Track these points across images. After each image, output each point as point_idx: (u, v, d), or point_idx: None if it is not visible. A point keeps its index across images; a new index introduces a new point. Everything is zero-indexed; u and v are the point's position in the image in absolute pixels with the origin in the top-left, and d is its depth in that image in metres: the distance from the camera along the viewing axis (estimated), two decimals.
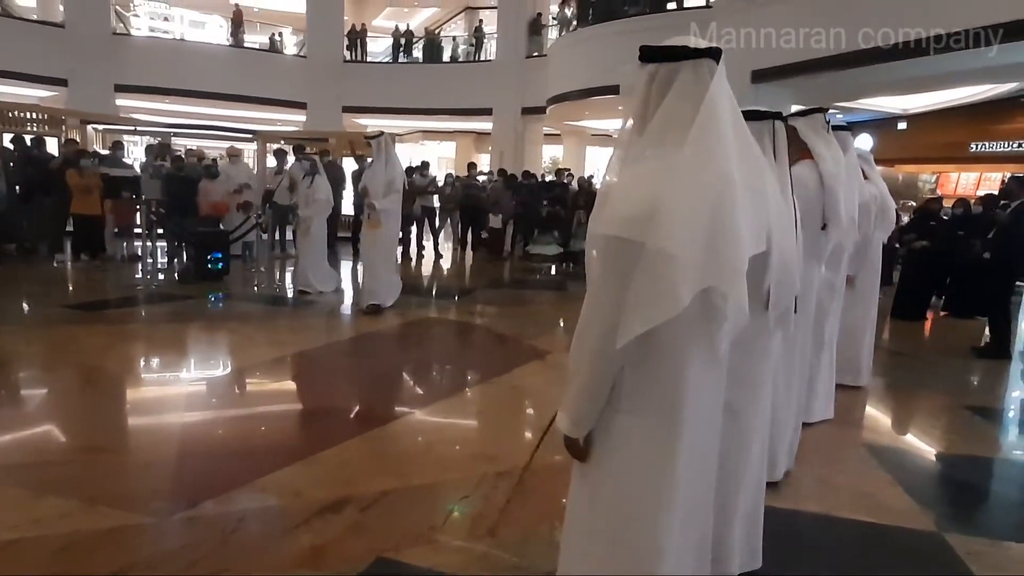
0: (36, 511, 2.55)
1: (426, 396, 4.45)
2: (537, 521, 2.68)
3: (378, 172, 6.40)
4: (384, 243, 6.59)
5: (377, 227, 6.43)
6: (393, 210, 6.49)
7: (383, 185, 6.34)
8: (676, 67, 1.39)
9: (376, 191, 6.34)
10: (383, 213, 6.37)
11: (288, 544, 2.43)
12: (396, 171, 6.51)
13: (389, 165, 6.41)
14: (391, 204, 6.42)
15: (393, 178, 6.39)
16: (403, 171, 6.73)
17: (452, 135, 21.22)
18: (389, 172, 6.38)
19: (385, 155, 6.41)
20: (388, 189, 6.34)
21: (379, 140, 6.47)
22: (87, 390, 4.18)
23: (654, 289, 1.28)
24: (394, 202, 6.45)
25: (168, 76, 16.38)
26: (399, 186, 6.45)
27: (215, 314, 6.54)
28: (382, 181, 6.34)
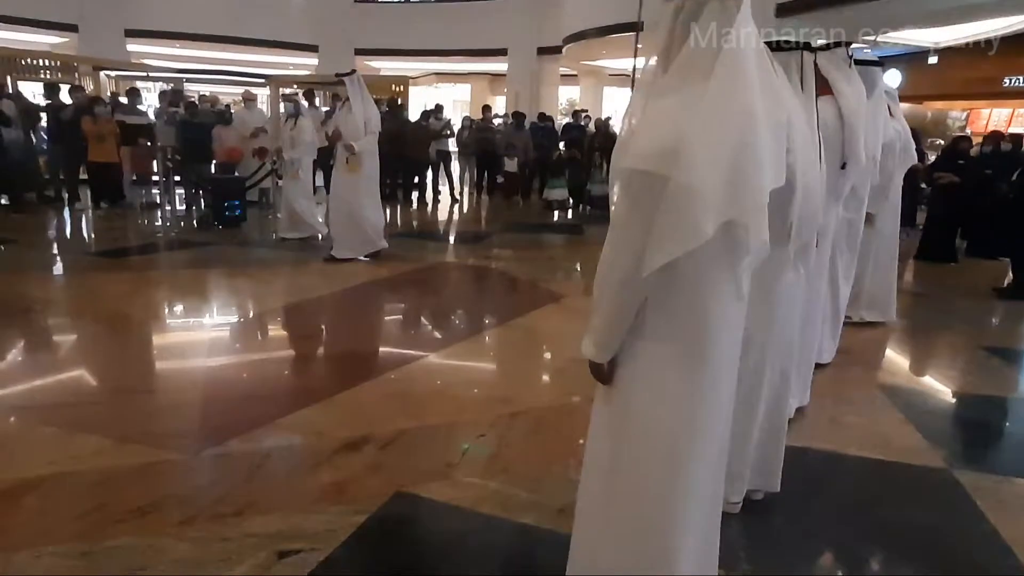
0: (71, 448, 2.67)
1: (442, 339, 4.52)
2: (551, 459, 2.75)
3: (354, 112, 6.12)
4: (367, 186, 6.36)
5: (357, 171, 6.18)
6: (372, 151, 6.26)
7: (358, 127, 6.09)
8: (702, 1, 1.38)
9: (353, 133, 6.09)
10: (362, 155, 6.16)
11: (311, 480, 2.53)
12: (372, 110, 6.25)
13: (365, 105, 6.15)
14: (369, 145, 6.20)
15: (369, 117, 6.15)
16: (378, 111, 6.46)
17: (467, 77, 20.83)
18: (365, 112, 6.13)
19: (359, 94, 6.13)
20: (365, 130, 6.11)
21: (352, 78, 6.15)
22: (114, 335, 4.30)
23: (678, 221, 1.31)
24: (372, 143, 6.22)
25: (178, 20, 16.16)
26: (376, 126, 6.22)
27: (234, 260, 6.62)
28: (358, 122, 6.09)
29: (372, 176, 6.39)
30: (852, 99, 2.97)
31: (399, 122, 10.85)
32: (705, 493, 1.62)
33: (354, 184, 6.23)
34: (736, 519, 2.28)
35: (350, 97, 6.15)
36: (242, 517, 2.24)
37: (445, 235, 8.79)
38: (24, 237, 7.01)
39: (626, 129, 1.51)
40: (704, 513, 1.64)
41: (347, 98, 6.21)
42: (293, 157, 7.15)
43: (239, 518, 2.24)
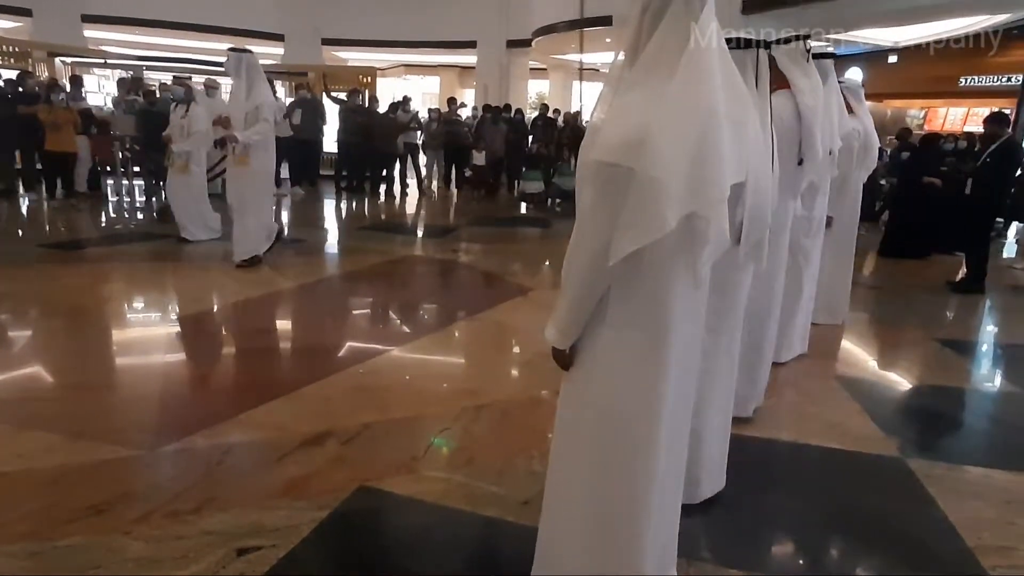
0: (20, 446, 2.58)
1: (408, 332, 4.49)
2: (516, 452, 2.75)
3: (237, 98, 5.45)
4: (256, 183, 5.63)
5: (245, 164, 5.47)
6: (263, 143, 5.49)
7: (242, 114, 5.37)
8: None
9: (238, 120, 5.37)
10: (250, 148, 5.42)
11: (273, 475, 2.49)
12: (262, 96, 5.46)
13: (253, 89, 5.42)
14: (258, 135, 5.40)
15: (259, 104, 5.38)
16: (271, 97, 5.73)
17: (436, 69, 20.66)
18: (253, 98, 5.39)
19: (246, 77, 5.39)
20: (253, 118, 5.36)
21: (239, 56, 5.39)
22: (69, 330, 4.17)
23: (643, 212, 1.35)
24: (262, 133, 5.42)
25: (139, 6, 15.67)
26: (268, 113, 5.42)
27: (195, 253, 6.47)
28: (241, 109, 5.38)
29: (263, 174, 5.70)
30: (809, 94, 3.02)
31: (366, 114, 10.74)
32: (667, 480, 1.64)
33: (240, 177, 5.57)
34: (697, 507, 2.31)
35: (232, 79, 5.48)
36: (200, 514, 2.20)
37: (412, 228, 8.72)
38: None
39: (593, 122, 1.53)
40: (666, 500, 1.67)
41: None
42: (183, 149, 6.44)
43: (196, 515, 2.19)
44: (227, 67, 5.41)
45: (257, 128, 5.36)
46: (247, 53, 5.43)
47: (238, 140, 5.35)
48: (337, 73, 12.83)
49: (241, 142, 5.35)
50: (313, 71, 13.11)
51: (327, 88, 10.97)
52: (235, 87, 5.45)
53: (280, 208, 9.55)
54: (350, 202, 10.35)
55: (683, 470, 1.79)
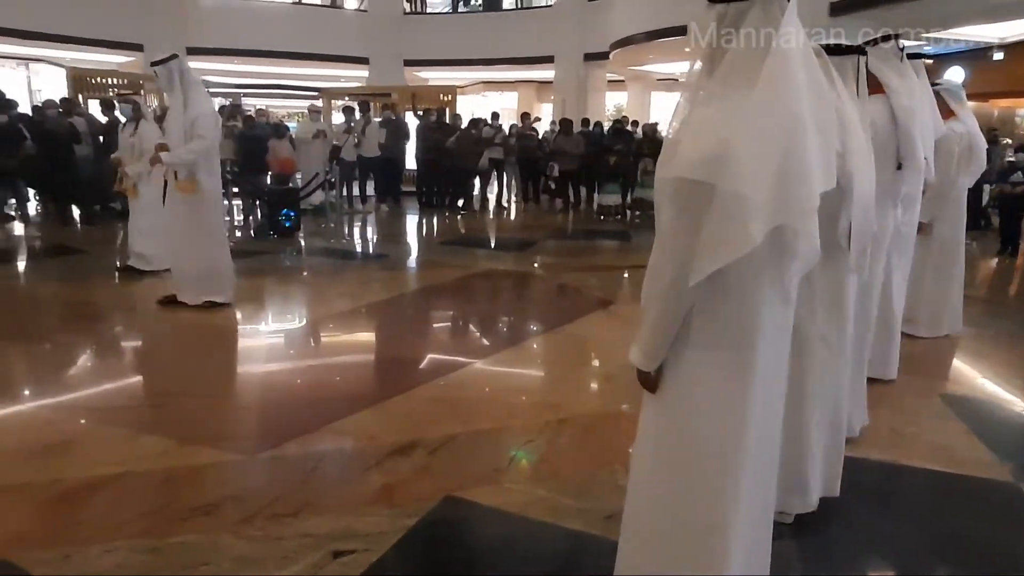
0: (138, 448, 2.79)
1: (490, 346, 4.56)
2: (599, 466, 2.75)
3: (174, 114, 4.66)
4: (209, 209, 4.81)
5: (190, 191, 4.63)
6: (207, 163, 4.70)
7: (180, 131, 4.58)
8: (746, 6, 1.39)
9: (174, 140, 4.59)
10: (196, 169, 4.63)
11: (362, 483, 2.59)
12: (200, 108, 4.64)
13: (190, 101, 4.60)
14: (193, 155, 4.54)
15: (195, 118, 4.56)
16: (211, 109, 4.90)
17: (514, 85, 20.93)
18: (190, 111, 4.57)
19: (182, 88, 4.60)
20: (190, 133, 4.56)
21: (168, 66, 4.57)
22: (178, 341, 4.48)
23: (727, 228, 1.32)
24: (200, 151, 4.57)
25: (236, 37, 16.71)
26: (204, 129, 4.58)
27: (289, 269, 6.81)
28: (179, 126, 4.59)
29: (214, 195, 4.91)
30: (905, 96, 2.88)
31: (446, 131, 10.99)
32: (754, 502, 1.60)
33: (192, 206, 4.72)
34: (790, 528, 2.23)
35: (166, 92, 4.76)
36: (298, 517, 2.31)
37: (492, 242, 8.85)
38: (94, 248, 7.37)
39: (670, 137, 1.52)
40: (753, 524, 1.62)
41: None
42: (135, 172, 5.59)
43: (295, 518, 2.30)
44: (160, 83, 4.70)
45: (192, 146, 4.55)
46: (174, 59, 4.63)
47: (163, 161, 4.56)
48: (419, 92, 13.21)
49: (167, 164, 4.56)
50: (396, 92, 13.57)
51: (415, 107, 11.32)
52: (171, 100, 4.71)
53: (365, 224, 9.93)
54: (431, 217, 10.60)
55: (773, 492, 1.74)
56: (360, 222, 10.09)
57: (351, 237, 9.07)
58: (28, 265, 6.79)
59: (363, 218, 10.37)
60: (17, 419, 3.19)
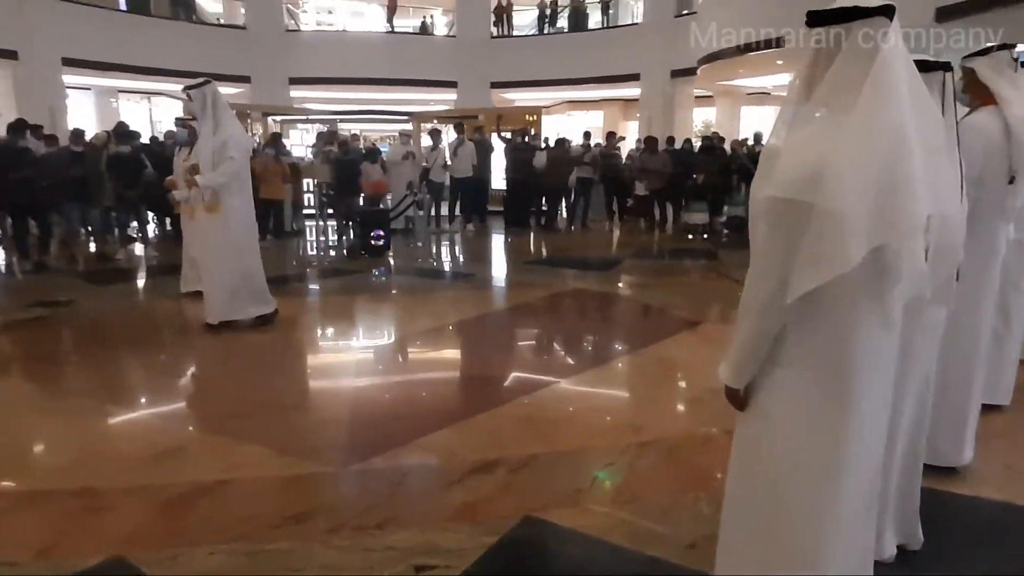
0: (238, 457, 2.97)
1: (573, 365, 4.56)
2: (682, 491, 2.69)
3: (204, 138, 4.81)
4: (230, 231, 4.85)
5: (215, 211, 4.80)
6: (237, 185, 4.84)
7: (210, 155, 4.75)
8: (846, 28, 1.37)
9: (203, 164, 4.77)
10: (222, 192, 4.79)
11: (445, 499, 2.64)
12: (228, 131, 4.82)
13: (219, 125, 4.80)
14: (223, 177, 4.72)
15: (224, 140, 4.75)
16: (240, 132, 5.09)
17: (599, 104, 20.94)
18: (219, 134, 4.77)
19: (212, 114, 4.79)
20: (219, 157, 4.73)
21: (201, 91, 4.77)
22: (276, 354, 4.74)
23: (824, 248, 1.31)
24: (230, 173, 4.75)
25: (332, 66, 17.62)
26: (234, 151, 4.77)
27: (379, 287, 7.07)
28: (209, 150, 4.76)
29: (238, 218, 4.92)
30: (1018, 106, 2.71)
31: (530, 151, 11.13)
32: (853, 532, 1.53)
33: (212, 227, 4.85)
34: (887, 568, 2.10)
35: (199, 117, 4.84)
36: (383, 530, 2.39)
37: (576, 262, 8.83)
38: None
39: (767, 155, 1.50)
40: (853, 562, 1.55)
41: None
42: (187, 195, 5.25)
43: (380, 531, 2.38)
44: (192, 108, 4.83)
45: (222, 168, 4.72)
46: (208, 84, 4.84)
47: (199, 184, 4.74)
48: (505, 114, 13.46)
49: (202, 187, 4.74)
50: (483, 113, 13.87)
51: (498, 128, 11.55)
52: (202, 124, 4.82)
53: (452, 243, 10.17)
54: (517, 237, 10.73)
55: (873, 522, 1.66)
56: (448, 242, 10.35)
57: (439, 256, 9.32)
58: (147, 283, 7.37)
59: (450, 238, 10.63)
60: (135, 426, 3.47)
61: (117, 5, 17.14)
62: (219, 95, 4.86)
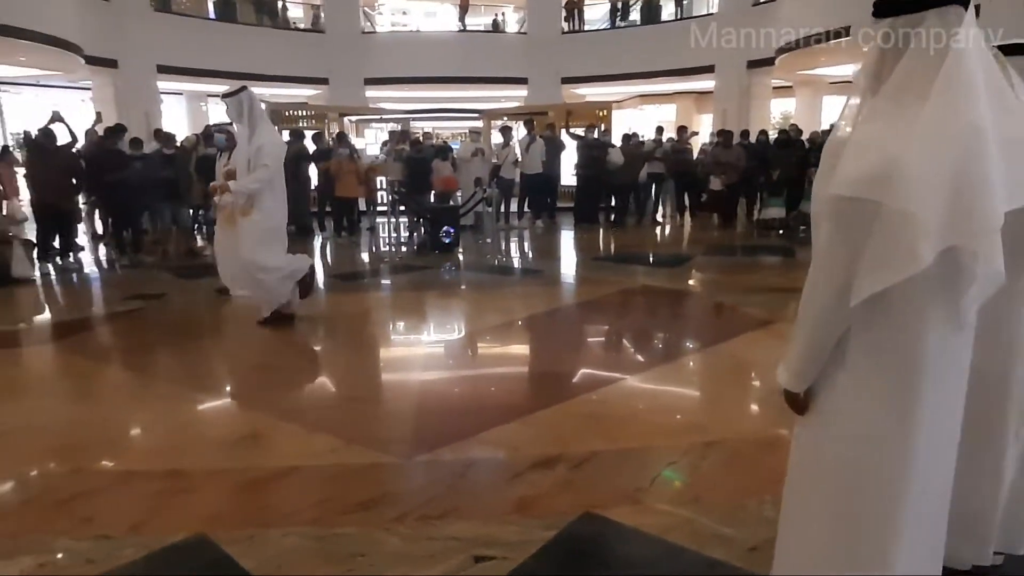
0: (310, 446, 3.11)
1: (639, 363, 4.52)
2: (746, 493, 2.63)
3: (242, 144, 4.84)
4: (258, 232, 4.87)
5: (247, 215, 4.83)
6: (270, 190, 4.88)
7: (246, 158, 4.78)
8: (918, 18, 1.31)
9: (241, 169, 4.80)
10: (256, 197, 4.82)
11: (506, 493, 2.69)
12: (264, 137, 4.85)
13: (255, 131, 4.81)
14: (258, 183, 4.76)
15: (260, 146, 4.77)
16: (275, 138, 5.12)
17: (672, 97, 20.56)
18: (255, 140, 4.78)
19: (248, 119, 4.80)
20: (254, 163, 4.76)
21: (239, 97, 4.75)
22: (348, 347, 4.92)
23: (892, 248, 1.26)
24: (264, 179, 4.78)
25: (406, 66, 18.02)
26: (269, 158, 4.78)
27: (448, 283, 7.21)
28: (246, 155, 4.79)
29: (268, 220, 4.94)
30: None
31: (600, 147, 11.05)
32: (920, 549, 1.48)
33: (243, 231, 4.85)
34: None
35: (236, 123, 4.86)
36: (445, 520, 2.45)
37: (646, 258, 8.73)
38: None
39: (830, 151, 1.46)
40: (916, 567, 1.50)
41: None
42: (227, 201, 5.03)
43: (442, 521, 2.45)
44: (230, 115, 4.86)
45: (256, 175, 4.76)
46: (244, 91, 4.81)
47: (230, 189, 4.78)
48: (574, 110, 13.40)
49: (235, 193, 4.77)
50: (553, 110, 13.86)
51: (567, 125, 11.51)
52: (239, 131, 4.87)
53: (521, 240, 10.23)
54: (586, 233, 10.69)
55: (942, 536, 1.59)
56: (516, 238, 10.42)
57: (507, 253, 9.40)
58: None
59: (519, 234, 10.70)
60: (218, 412, 3.69)
61: (207, 14, 18.10)
62: (255, 101, 4.91)
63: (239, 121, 4.81)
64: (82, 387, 4.11)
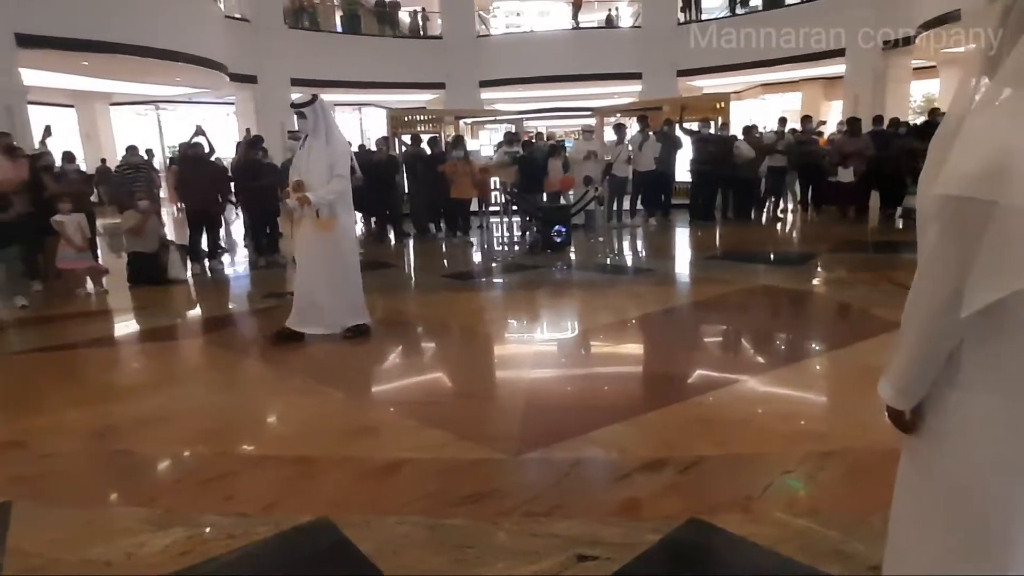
0: (424, 439, 3.26)
1: (754, 367, 4.35)
2: (869, 508, 2.47)
3: (316, 153, 4.74)
4: (344, 244, 4.91)
5: (330, 227, 4.79)
6: (345, 202, 4.87)
7: (324, 170, 4.71)
8: None
9: (316, 179, 4.72)
10: (336, 207, 4.78)
11: (611, 493, 2.69)
12: (338, 148, 4.82)
13: (331, 140, 4.78)
14: (334, 194, 4.73)
15: (335, 159, 4.74)
16: (347, 148, 5.04)
17: (797, 84, 19.46)
18: (330, 151, 4.73)
19: (325, 128, 4.77)
20: (329, 174, 4.71)
21: (314, 107, 4.73)
22: (462, 345, 5.10)
23: (1011, 252, 1.14)
24: (340, 190, 4.77)
25: (520, 66, 18.28)
26: (343, 168, 4.77)
27: (560, 282, 7.26)
28: (322, 165, 4.72)
29: (349, 230, 5.01)
30: None
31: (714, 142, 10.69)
32: None
33: (328, 243, 4.82)
34: None
35: (310, 133, 4.77)
36: (549, 517, 2.50)
37: (766, 256, 8.36)
38: (400, 263, 8.67)
39: (938, 143, 1.35)
40: None
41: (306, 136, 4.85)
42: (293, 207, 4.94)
43: (547, 518, 2.50)
44: (302, 125, 4.83)
45: (333, 186, 4.73)
46: (318, 100, 4.81)
47: (311, 202, 4.68)
48: (690, 103, 13.02)
49: (315, 204, 4.70)
50: (668, 104, 13.54)
51: (681, 120, 11.22)
52: (314, 140, 4.79)
53: (634, 238, 10.10)
54: (702, 230, 10.38)
55: None
56: (629, 236, 10.30)
57: (619, 251, 9.31)
58: None
59: (632, 232, 10.57)
60: (342, 404, 3.94)
61: (334, 28, 19.25)
62: (328, 109, 4.91)
63: (314, 131, 4.74)
64: (226, 377, 4.53)
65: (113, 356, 5.28)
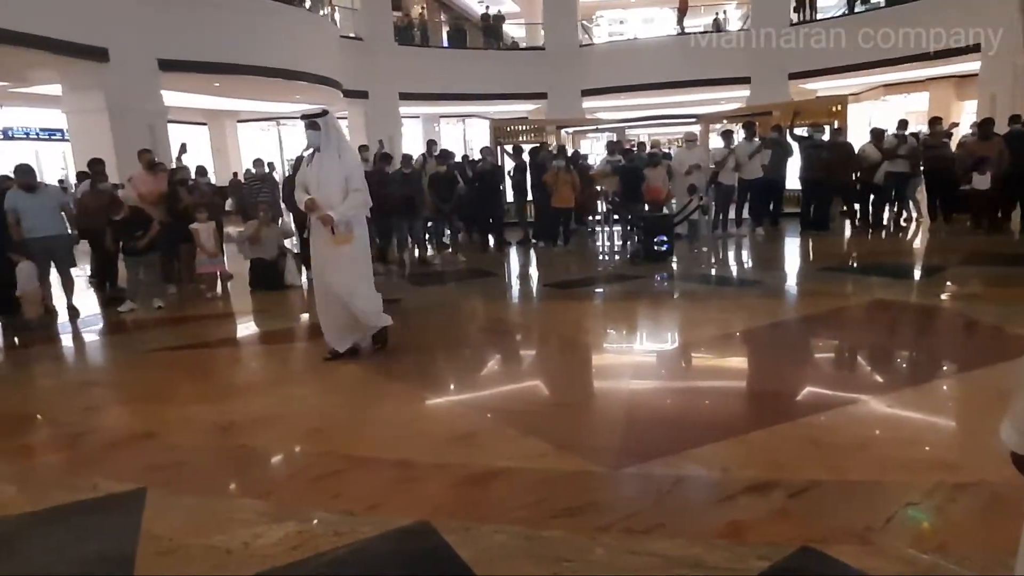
0: (523, 448, 3.27)
1: (874, 386, 4.06)
2: (1007, 546, 2.23)
3: (329, 167, 4.63)
4: (360, 255, 4.81)
5: (347, 242, 4.68)
6: (359, 218, 4.77)
7: (339, 185, 4.62)
8: None
9: (332, 193, 4.61)
10: (350, 223, 4.66)
11: (716, 514, 2.59)
12: (352, 161, 4.79)
13: (342, 154, 4.71)
14: (352, 209, 4.64)
15: (350, 171, 4.67)
16: (358, 158, 4.87)
17: (924, 84, 18.12)
18: (344, 164, 4.67)
19: (336, 142, 4.70)
20: (345, 188, 4.63)
21: (325, 120, 4.65)
22: (561, 354, 5.09)
23: None
24: (360, 205, 4.69)
25: (623, 74, 18.13)
26: (359, 181, 4.68)
27: (662, 293, 7.10)
28: (337, 179, 4.62)
29: (362, 248, 4.85)
30: None
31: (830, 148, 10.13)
32: None
33: (347, 257, 4.72)
34: None
35: (321, 148, 4.65)
36: (649, 535, 2.43)
37: (886, 269, 7.80)
38: (500, 271, 8.78)
39: None
40: None
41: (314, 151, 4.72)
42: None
43: (646, 536, 2.43)
44: (311, 140, 4.69)
45: (353, 200, 4.65)
46: (328, 114, 4.72)
47: (334, 219, 4.57)
48: (802, 107, 12.39)
49: (338, 221, 4.59)
50: (778, 109, 12.97)
51: (792, 126, 10.70)
52: (326, 154, 4.67)
53: (740, 248, 9.73)
54: (814, 240, 9.85)
55: None
56: (734, 246, 9.93)
57: (724, 262, 9.00)
58: (455, 285, 8.42)
59: (737, 242, 10.18)
60: (441, 410, 4.03)
61: (441, 43, 19.87)
62: (337, 123, 4.87)
63: (326, 144, 4.64)
64: (333, 381, 4.73)
65: (235, 356, 5.67)
